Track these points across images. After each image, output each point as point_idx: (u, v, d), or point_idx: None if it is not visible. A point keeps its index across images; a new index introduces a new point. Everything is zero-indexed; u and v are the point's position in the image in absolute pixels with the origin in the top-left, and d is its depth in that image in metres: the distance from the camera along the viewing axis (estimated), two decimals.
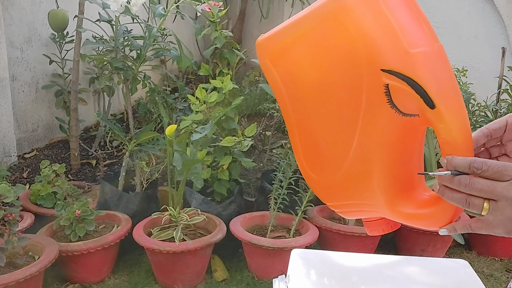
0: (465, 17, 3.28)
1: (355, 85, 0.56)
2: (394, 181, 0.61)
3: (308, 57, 0.59)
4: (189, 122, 2.32)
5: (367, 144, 0.59)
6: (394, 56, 0.53)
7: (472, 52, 3.24)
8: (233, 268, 2.23)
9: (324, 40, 0.57)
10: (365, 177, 0.61)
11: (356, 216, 0.69)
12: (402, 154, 0.60)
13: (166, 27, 3.05)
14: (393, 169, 0.60)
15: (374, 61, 0.54)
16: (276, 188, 2.18)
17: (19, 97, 2.83)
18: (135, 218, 2.20)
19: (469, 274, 0.81)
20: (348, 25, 0.54)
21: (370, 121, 0.58)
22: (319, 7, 0.57)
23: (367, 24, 0.53)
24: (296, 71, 0.62)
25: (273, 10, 4.15)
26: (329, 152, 0.64)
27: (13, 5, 2.75)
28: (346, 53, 0.56)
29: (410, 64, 0.53)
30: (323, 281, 0.77)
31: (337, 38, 0.56)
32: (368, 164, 0.60)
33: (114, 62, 2.36)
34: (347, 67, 0.56)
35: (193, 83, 3.97)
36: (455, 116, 0.55)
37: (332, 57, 0.57)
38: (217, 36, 2.38)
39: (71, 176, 2.76)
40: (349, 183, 0.64)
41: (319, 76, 0.60)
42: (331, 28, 0.56)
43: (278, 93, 0.65)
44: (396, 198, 0.61)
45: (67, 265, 2.03)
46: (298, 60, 0.60)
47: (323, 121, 0.62)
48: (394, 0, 0.55)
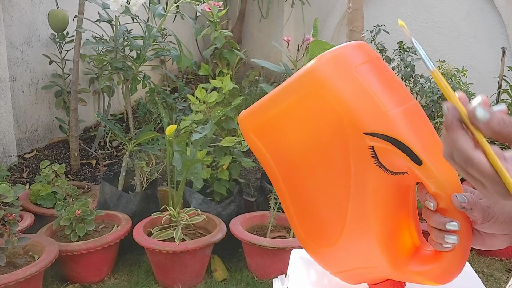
0: (465, 17, 3.28)
1: (342, 150, 0.58)
2: (394, 240, 0.61)
3: (293, 128, 0.61)
4: (189, 122, 2.32)
5: (362, 206, 0.60)
6: (375, 119, 0.55)
7: (472, 52, 3.24)
8: (232, 268, 2.23)
9: (306, 111, 0.59)
10: (366, 240, 0.61)
11: (361, 281, 0.68)
12: (398, 211, 0.61)
13: (166, 27, 3.05)
14: (391, 227, 0.61)
15: (356, 126, 0.56)
16: None
17: (19, 98, 2.83)
18: (135, 218, 2.20)
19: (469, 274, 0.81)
20: (327, 96, 0.56)
21: (361, 183, 0.58)
22: (297, 82, 0.60)
23: (344, 93, 0.55)
24: (282, 142, 0.63)
25: (273, 10, 4.15)
26: (326, 218, 0.64)
27: (13, 6, 2.75)
28: (329, 121, 0.58)
29: (392, 125, 0.54)
30: (323, 281, 0.77)
31: (318, 109, 0.58)
32: (366, 226, 0.60)
33: (114, 62, 2.36)
34: (332, 134, 0.58)
35: (193, 83, 3.97)
36: (443, 169, 0.55)
37: (316, 126, 0.59)
38: (216, 36, 2.38)
39: (71, 176, 2.76)
40: (351, 247, 0.63)
41: (306, 145, 0.61)
42: (311, 100, 0.58)
43: (265, 164, 0.66)
44: (399, 257, 0.62)
45: (67, 265, 2.03)
46: (283, 131, 0.62)
47: (315, 188, 0.63)
48: (365, 66, 0.57)
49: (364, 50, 0.60)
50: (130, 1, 2.24)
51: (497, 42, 3.14)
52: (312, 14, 3.89)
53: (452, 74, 2.65)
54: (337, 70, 0.56)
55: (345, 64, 0.57)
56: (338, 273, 0.69)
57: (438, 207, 0.56)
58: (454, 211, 0.55)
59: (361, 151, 0.57)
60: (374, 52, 0.61)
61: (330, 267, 0.69)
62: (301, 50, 2.26)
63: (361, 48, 0.60)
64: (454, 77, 2.66)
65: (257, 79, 3.68)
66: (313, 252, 0.68)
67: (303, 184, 0.64)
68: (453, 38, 3.33)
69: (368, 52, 0.59)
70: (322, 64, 0.57)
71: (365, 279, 0.68)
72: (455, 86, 2.56)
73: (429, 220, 0.57)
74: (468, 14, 3.27)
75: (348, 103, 0.55)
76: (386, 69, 0.60)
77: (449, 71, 2.65)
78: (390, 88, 0.57)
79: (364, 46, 0.60)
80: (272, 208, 2.20)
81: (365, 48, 0.60)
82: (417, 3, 3.50)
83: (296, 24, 4.11)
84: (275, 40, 3.30)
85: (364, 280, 0.68)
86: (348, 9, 2.50)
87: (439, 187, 0.55)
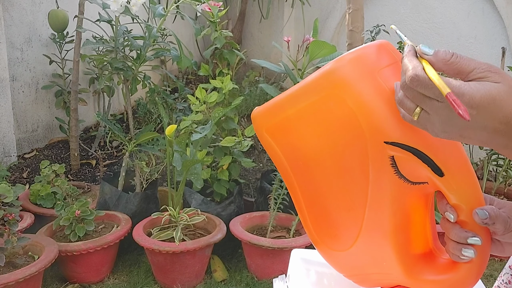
0: (465, 18, 3.28)
1: (360, 157, 0.56)
2: (410, 248, 0.60)
3: (310, 130, 0.59)
4: (189, 122, 2.32)
5: (378, 214, 0.58)
6: (397, 128, 0.52)
7: (472, 52, 3.24)
8: (232, 268, 2.23)
9: (325, 113, 0.56)
10: (381, 247, 0.60)
11: (374, 285, 0.68)
12: (415, 220, 0.59)
13: (166, 27, 3.05)
14: (407, 236, 0.59)
15: (377, 134, 0.53)
16: (276, 188, 2.18)
17: (19, 98, 2.83)
18: (135, 218, 2.20)
19: None
20: (347, 99, 0.54)
21: (379, 191, 0.57)
22: (317, 82, 0.56)
23: (366, 98, 0.53)
24: (298, 143, 0.61)
25: (273, 11, 4.15)
26: (340, 223, 0.62)
27: (13, 6, 2.75)
28: (349, 126, 0.55)
29: (414, 135, 0.52)
30: (323, 281, 0.77)
31: (338, 112, 0.55)
32: (382, 234, 0.59)
33: (114, 62, 2.36)
34: (351, 139, 0.56)
35: (193, 83, 3.97)
36: (465, 181, 0.54)
37: (334, 130, 0.57)
38: (217, 36, 2.38)
39: (71, 176, 2.76)
40: (365, 253, 0.62)
41: (323, 149, 0.59)
42: (330, 102, 0.55)
43: (278, 163, 0.64)
44: (414, 266, 0.60)
45: (66, 265, 2.03)
46: (299, 133, 0.60)
47: (330, 193, 0.61)
48: (388, 69, 0.54)
49: (387, 50, 0.57)
50: (130, 1, 2.24)
51: (497, 43, 3.14)
52: (312, 14, 3.89)
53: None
54: (360, 72, 0.53)
55: (368, 66, 0.54)
56: (351, 276, 0.68)
57: (458, 219, 0.55)
58: (475, 223, 0.53)
59: (381, 160, 0.55)
60: (397, 53, 0.57)
61: (343, 270, 0.68)
62: (301, 51, 2.26)
63: (385, 49, 0.56)
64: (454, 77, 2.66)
65: (257, 79, 3.68)
66: (326, 255, 0.67)
67: (318, 188, 0.62)
68: (454, 38, 3.33)
69: (392, 53, 0.57)
70: (344, 65, 0.54)
71: (379, 284, 0.67)
72: None
73: (448, 232, 0.56)
74: (468, 15, 3.27)
75: (369, 110, 0.53)
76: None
77: None
78: None
79: (388, 46, 0.57)
80: (272, 208, 2.20)
81: (389, 48, 0.57)
82: (417, 3, 3.50)
83: (296, 25, 4.11)
84: (275, 40, 3.30)
85: (377, 284, 0.67)
86: (348, 9, 2.50)
87: (461, 199, 0.54)
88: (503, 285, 0.75)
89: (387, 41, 0.58)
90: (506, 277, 0.75)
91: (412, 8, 3.53)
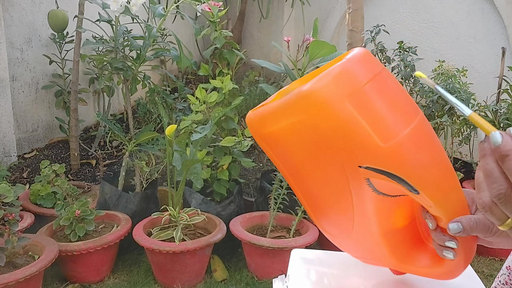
0: (465, 18, 3.28)
1: (340, 173, 0.56)
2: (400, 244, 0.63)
3: (294, 145, 0.59)
4: (189, 122, 2.32)
5: (365, 221, 0.60)
6: (368, 153, 0.52)
7: (472, 52, 3.24)
8: (232, 268, 2.23)
9: (305, 133, 0.56)
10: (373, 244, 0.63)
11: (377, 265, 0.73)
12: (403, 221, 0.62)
13: (166, 27, 3.05)
14: (396, 236, 0.62)
15: (351, 157, 0.54)
16: (276, 188, 2.18)
17: (19, 98, 2.83)
18: (135, 218, 2.20)
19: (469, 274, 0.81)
20: (321, 125, 0.53)
21: (362, 204, 0.58)
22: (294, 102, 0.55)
23: (338, 125, 0.52)
24: (287, 153, 0.61)
25: (273, 11, 4.15)
26: (336, 217, 0.65)
27: (13, 6, 2.75)
28: (327, 147, 0.55)
29: (386, 159, 0.52)
30: (323, 281, 0.77)
31: (315, 134, 0.55)
32: (371, 235, 0.62)
33: (114, 62, 2.36)
34: (330, 158, 0.56)
35: (193, 83, 3.97)
36: (443, 197, 0.54)
37: (315, 148, 0.57)
38: (216, 36, 2.39)
39: (71, 176, 2.76)
40: (362, 246, 0.66)
41: (309, 161, 0.60)
42: (308, 125, 0.55)
43: (274, 162, 0.65)
44: (406, 257, 0.64)
45: (66, 265, 2.03)
46: (287, 145, 0.60)
47: (321, 196, 0.63)
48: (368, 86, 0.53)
49: (368, 64, 0.55)
50: (130, 1, 2.24)
51: (497, 43, 3.14)
52: (312, 14, 3.89)
53: (452, 74, 2.65)
54: (333, 97, 0.52)
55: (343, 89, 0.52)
56: (359, 258, 0.73)
57: (437, 226, 0.57)
58: None
59: (358, 180, 0.55)
60: (378, 64, 0.56)
61: (351, 253, 0.72)
62: (301, 50, 2.26)
63: (365, 63, 0.55)
64: (454, 77, 2.66)
65: (257, 79, 3.68)
66: (333, 240, 0.70)
67: (311, 189, 0.64)
68: (453, 38, 3.33)
69: (372, 66, 0.55)
70: (319, 89, 0.52)
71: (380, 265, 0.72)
72: (455, 86, 2.55)
73: (431, 233, 0.58)
74: (468, 15, 3.26)
75: (341, 136, 0.53)
76: (391, 82, 0.56)
77: (449, 71, 2.65)
78: (392, 109, 0.53)
79: (367, 58, 0.55)
80: (272, 208, 2.20)
81: (369, 60, 0.55)
82: (417, 3, 3.50)
83: (296, 24, 4.11)
84: (275, 40, 3.30)
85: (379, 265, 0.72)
86: (348, 9, 2.50)
87: (438, 213, 0.56)
88: (500, 285, 0.76)
89: (367, 51, 0.57)
90: (503, 278, 0.75)
91: (412, 8, 3.53)
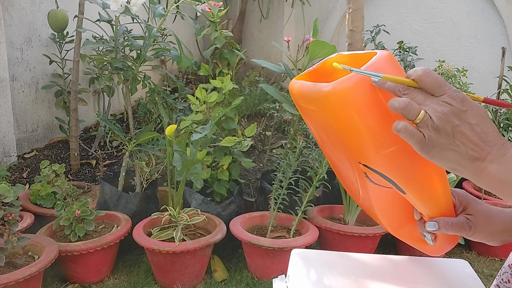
0: (465, 18, 3.28)
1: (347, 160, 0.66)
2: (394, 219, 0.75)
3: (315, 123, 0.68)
4: (189, 122, 2.32)
5: (366, 199, 0.70)
6: (366, 155, 0.60)
7: (472, 52, 3.24)
8: (232, 268, 2.23)
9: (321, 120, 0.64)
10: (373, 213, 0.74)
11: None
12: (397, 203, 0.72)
13: (166, 27, 3.05)
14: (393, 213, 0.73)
15: (353, 154, 0.62)
16: (276, 188, 2.18)
17: (19, 97, 2.83)
18: (135, 218, 2.20)
19: (469, 274, 0.81)
20: (332, 122, 0.61)
21: (363, 185, 0.68)
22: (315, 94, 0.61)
23: (344, 126, 0.60)
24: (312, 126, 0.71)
25: (273, 10, 4.15)
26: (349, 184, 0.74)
27: (13, 6, 2.75)
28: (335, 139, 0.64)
29: (381, 163, 0.60)
30: (323, 281, 0.77)
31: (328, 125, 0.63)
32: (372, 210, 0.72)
33: (114, 62, 2.36)
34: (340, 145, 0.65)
35: (193, 83, 3.97)
36: (426, 201, 0.66)
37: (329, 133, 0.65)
38: (217, 36, 2.38)
39: (71, 176, 2.76)
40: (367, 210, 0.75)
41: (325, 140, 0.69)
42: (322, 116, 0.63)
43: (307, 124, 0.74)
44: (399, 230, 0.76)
45: (66, 265, 2.03)
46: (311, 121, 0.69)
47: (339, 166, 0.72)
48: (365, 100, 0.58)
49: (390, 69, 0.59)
50: (130, 1, 2.23)
51: (497, 42, 3.14)
52: (312, 14, 3.89)
53: (452, 74, 2.65)
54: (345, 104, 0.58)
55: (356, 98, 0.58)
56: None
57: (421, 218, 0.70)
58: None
59: (358, 170, 0.64)
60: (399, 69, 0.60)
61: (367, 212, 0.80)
62: (301, 50, 2.26)
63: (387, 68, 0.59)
64: (454, 77, 2.66)
65: (257, 79, 3.68)
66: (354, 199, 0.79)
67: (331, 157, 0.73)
68: (454, 38, 3.33)
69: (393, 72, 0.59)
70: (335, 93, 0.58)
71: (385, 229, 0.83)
72: (455, 86, 2.55)
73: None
74: (468, 15, 3.26)
75: (347, 136, 0.60)
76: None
77: (449, 71, 2.65)
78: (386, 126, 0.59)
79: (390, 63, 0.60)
80: (272, 208, 2.20)
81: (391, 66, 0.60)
82: (418, 3, 3.50)
83: (296, 24, 4.11)
84: (275, 40, 3.30)
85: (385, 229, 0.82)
86: (348, 9, 2.50)
87: (421, 211, 0.69)
88: (502, 284, 0.76)
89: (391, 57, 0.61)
90: (505, 276, 0.75)
91: (412, 8, 3.53)
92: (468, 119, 0.53)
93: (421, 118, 0.54)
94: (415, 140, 0.55)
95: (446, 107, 0.53)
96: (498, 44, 3.10)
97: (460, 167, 0.55)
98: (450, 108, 0.53)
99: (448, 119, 0.53)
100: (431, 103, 0.54)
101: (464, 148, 0.53)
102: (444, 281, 0.77)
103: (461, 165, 0.55)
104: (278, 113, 2.87)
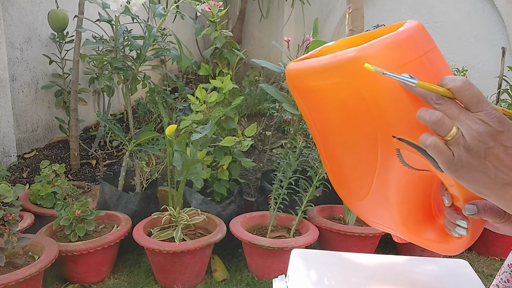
0: (465, 17, 3.28)
1: (371, 138, 0.58)
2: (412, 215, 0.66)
3: (331, 104, 0.61)
4: (189, 122, 2.32)
5: (384, 187, 0.63)
6: (404, 126, 0.54)
7: (472, 52, 3.24)
8: (233, 268, 2.23)
9: (344, 95, 0.58)
10: (386, 209, 0.66)
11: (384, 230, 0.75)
12: (418, 195, 0.64)
13: (166, 27, 3.05)
14: (410, 206, 0.65)
15: (386, 127, 0.56)
16: (276, 188, 2.18)
17: (19, 97, 2.83)
18: (135, 218, 2.20)
19: (469, 274, 0.81)
20: (363, 92, 0.55)
21: (385, 171, 0.61)
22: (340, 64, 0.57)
23: (379, 94, 0.54)
24: (320, 110, 0.64)
25: (273, 10, 4.15)
26: (354, 179, 0.68)
27: (13, 5, 2.75)
28: (363, 112, 0.57)
29: (420, 134, 0.54)
30: (323, 281, 0.77)
31: (354, 98, 0.57)
32: (386, 201, 0.65)
33: (114, 62, 2.36)
34: (364, 123, 0.58)
35: (193, 83, 3.97)
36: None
37: (351, 111, 0.59)
38: (217, 36, 2.38)
39: (71, 176, 2.76)
40: (373, 210, 0.69)
41: (341, 122, 0.62)
42: (349, 88, 0.57)
43: (305, 117, 0.68)
44: (414, 228, 0.67)
45: (66, 265, 2.03)
46: (323, 102, 0.62)
47: (346, 155, 0.66)
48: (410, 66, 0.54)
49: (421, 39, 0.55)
50: (130, 1, 2.23)
51: (498, 42, 3.14)
52: (312, 14, 3.89)
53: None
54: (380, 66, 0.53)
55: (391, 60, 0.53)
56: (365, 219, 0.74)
57: (452, 204, 0.60)
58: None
59: (388, 149, 0.58)
60: (430, 41, 0.57)
61: (358, 213, 0.74)
62: (301, 50, 2.26)
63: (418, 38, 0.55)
64: None
65: (257, 79, 3.68)
66: (347, 203, 0.72)
67: (337, 147, 0.66)
68: (454, 38, 3.33)
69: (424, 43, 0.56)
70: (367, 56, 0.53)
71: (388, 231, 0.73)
72: None
73: (444, 210, 0.61)
74: (468, 14, 3.26)
75: (381, 105, 0.54)
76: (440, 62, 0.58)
77: None
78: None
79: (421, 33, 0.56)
80: (272, 208, 2.20)
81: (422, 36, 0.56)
82: (418, 3, 3.50)
83: (296, 24, 4.11)
84: (275, 40, 3.30)
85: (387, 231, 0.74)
86: (348, 9, 2.50)
87: (457, 193, 0.58)
88: (502, 283, 0.76)
89: (421, 25, 0.57)
90: (505, 276, 0.75)
91: (412, 8, 3.53)
92: (504, 141, 0.49)
93: (452, 135, 0.50)
94: (443, 159, 0.51)
95: (482, 126, 0.49)
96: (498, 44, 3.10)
97: (488, 191, 0.51)
98: (486, 127, 0.48)
99: (483, 140, 0.48)
100: (466, 119, 0.49)
101: (495, 172, 0.49)
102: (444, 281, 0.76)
103: (489, 188, 0.51)
104: (278, 113, 2.87)
